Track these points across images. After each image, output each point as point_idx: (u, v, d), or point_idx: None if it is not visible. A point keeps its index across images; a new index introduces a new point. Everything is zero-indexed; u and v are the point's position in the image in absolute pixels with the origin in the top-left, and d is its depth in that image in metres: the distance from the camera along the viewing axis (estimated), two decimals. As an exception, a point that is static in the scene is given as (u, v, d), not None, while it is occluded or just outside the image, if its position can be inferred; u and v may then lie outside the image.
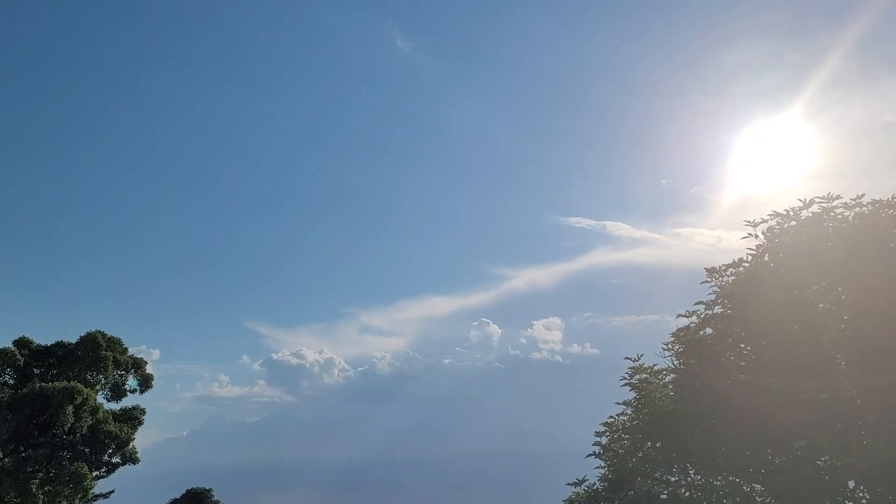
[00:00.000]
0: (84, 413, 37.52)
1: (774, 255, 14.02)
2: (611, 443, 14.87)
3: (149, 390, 43.94)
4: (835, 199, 13.69)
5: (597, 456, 14.82)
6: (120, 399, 42.62)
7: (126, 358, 43.03)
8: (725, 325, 14.14)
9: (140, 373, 43.70)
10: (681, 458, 13.80)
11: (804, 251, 13.59)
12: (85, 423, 37.59)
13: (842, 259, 13.10)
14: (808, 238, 13.70)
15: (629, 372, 14.79)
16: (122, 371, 42.98)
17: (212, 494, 41.77)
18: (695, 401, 13.56)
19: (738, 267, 14.41)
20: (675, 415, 13.70)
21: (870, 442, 11.69)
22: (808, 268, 13.56)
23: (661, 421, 13.84)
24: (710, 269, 14.55)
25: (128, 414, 41.48)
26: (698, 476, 13.64)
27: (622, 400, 14.85)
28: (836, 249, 13.28)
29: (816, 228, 13.73)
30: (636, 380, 14.62)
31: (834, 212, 13.68)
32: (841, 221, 13.60)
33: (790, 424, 12.24)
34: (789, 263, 13.76)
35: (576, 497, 14.86)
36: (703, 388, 13.58)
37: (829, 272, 13.33)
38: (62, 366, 40.55)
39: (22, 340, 41.48)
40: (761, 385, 12.96)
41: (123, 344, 43.18)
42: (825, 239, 13.54)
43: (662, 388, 14.46)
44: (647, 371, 14.85)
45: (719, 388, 13.36)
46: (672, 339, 14.67)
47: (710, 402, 13.36)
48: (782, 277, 13.72)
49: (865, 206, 13.56)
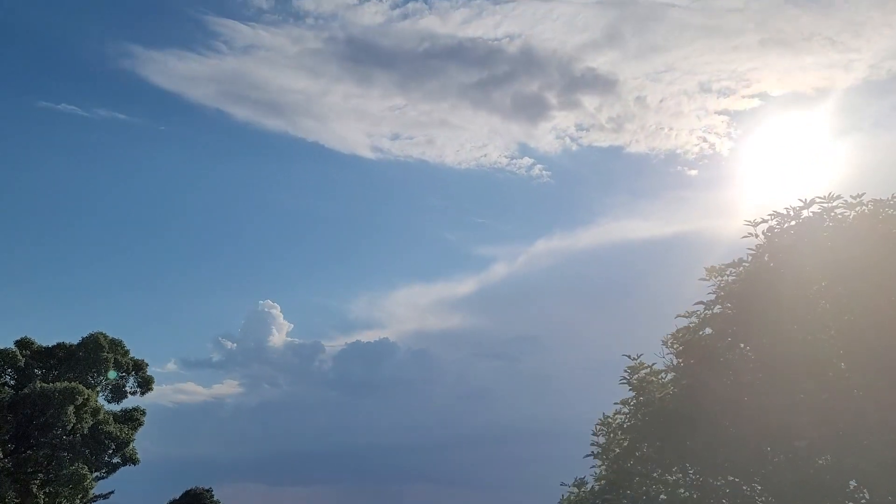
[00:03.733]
0: (85, 414, 37.59)
1: (774, 255, 14.00)
2: (608, 442, 14.84)
3: (149, 392, 44.08)
4: (835, 199, 13.68)
5: (594, 456, 14.79)
6: (120, 400, 42.77)
7: (127, 360, 43.16)
8: (725, 325, 14.11)
9: (140, 374, 43.83)
10: (680, 458, 13.76)
11: (804, 251, 13.57)
12: (86, 423, 37.65)
13: (842, 259, 13.08)
14: (808, 238, 13.68)
15: (627, 371, 14.77)
16: (123, 372, 43.10)
17: (211, 494, 41.73)
18: (694, 401, 13.52)
19: (738, 267, 14.39)
20: (674, 415, 13.66)
21: (870, 442, 11.66)
22: (808, 268, 13.54)
23: (660, 421, 13.80)
24: (710, 268, 14.54)
25: (128, 415, 41.57)
26: (698, 476, 13.59)
27: (620, 399, 14.84)
28: (836, 249, 13.26)
29: (816, 228, 13.72)
30: (635, 379, 14.60)
31: (834, 212, 13.67)
32: (841, 221, 13.58)
33: (790, 424, 12.21)
34: (789, 263, 13.74)
35: (573, 497, 14.83)
36: (703, 388, 13.55)
37: (829, 272, 13.30)
38: (63, 367, 40.64)
39: (23, 341, 41.60)
40: (761, 385, 12.94)
41: (125, 346, 43.36)
42: (825, 239, 13.53)
43: (661, 387, 14.43)
44: (646, 370, 14.82)
45: (719, 388, 13.32)
46: (671, 338, 14.66)
47: (709, 402, 13.32)
48: (782, 277, 13.70)
49: (865, 206, 13.54)
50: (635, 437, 14.22)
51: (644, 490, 13.53)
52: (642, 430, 14.08)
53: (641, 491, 13.46)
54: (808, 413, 11.95)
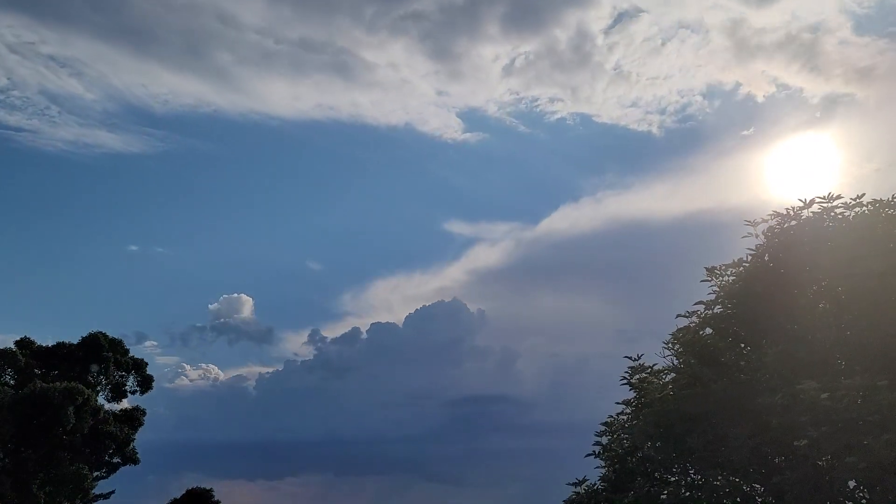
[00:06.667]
0: (85, 414, 37.58)
1: (774, 255, 14.02)
2: (611, 442, 14.86)
3: (149, 391, 44.08)
4: (835, 199, 13.70)
5: (596, 455, 14.81)
6: (120, 400, 42.77)
7: (127, 359, 43.16)
8: (725, 325, 14.14)
9: (140, 374, 43.84)
10: (681, 458, 13.78)
11: (804, 251, 13.59)
12: (86, 423, 37.64)
13: (842, 259, 13.09)
14: (808, 238, 13.70)
15: (628, 371, 14.78)
16: (122, 372, 43.11)
17: (212, 494, 41.76)
18: (695, 401, 13.54)
19: (738, 267, 14.42)
20: (674, 415, 13.68)
21: (870, 442, 11.65)
22: (808, 268, 13.56)
23: (661, 421, 13.82)
24: (710, 268, 14.56)
25: (128, 415, 41.57)
26: (698, 476, 13.62)
27: (622, 399, 14.85)
28: (836, 249, 13.28)
29: (816, 228, 13.74)
30: (636, 379, 14.62)
31: (834, 212, 13.69)
32: (841, 221, 13.60)
33: (790, 424, 12.21)
34: (789, 263, 13.76)
35: (576, 497, 14.85)
36: (703, 388, 13.56)
37: (829, 272, 13.32)
38: (63, 366, 40.65)
39: (23, 341, 41.57)
40: (761, 385, 12.95)
41: (125, 345, 43.37)
42: (825, 239, 13.55)
43: (662, 387, 14.45)
44: (647, 370, 14.84)
45: (719, 388, 13.34)
46: (672, 338, 14.67)
47: (710, 402, 13.34)
48: (782, 277, 13.72)
49: (865, 206, 13.56)
50: (637, 436, 14.24)
51: (646, 490, 13.54)
52: (644, 430, 14.09)
53: (643, 490, 13.48)
54: (808, 413, 11.94)
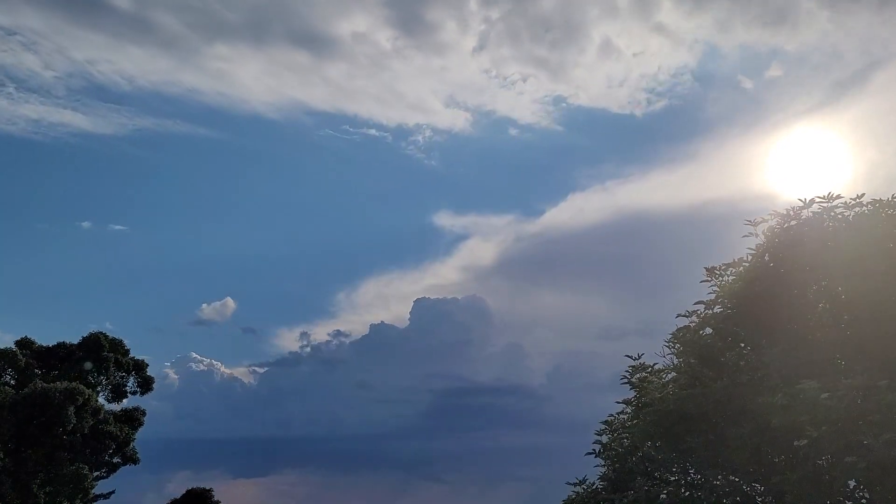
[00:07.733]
0: (85, 414, 37.61)
1: (774, 254, 14.02)
2: (611, 441, 14.86)
3: (149, 392, 44.11)
4: (835, 199, 13.69)
5: (596, 455, 14.81)
6: (121, 400, 42.81)
7: (127, 360, 43.20)
8: (725, 325, 14.13)
9: (141, 375, 43.87)
10: (681, 457, 13.78)
11: (804, 251, 13.58)
12: (86, 423, 37.66)
13: (842, 259, 13.09)
14: (808, 238, 13.69)
15: (629, 370, 14.78)
16: (123, 373, 43.15)
17: (212, 494, 41.78)
18: (695, 401, 13.54)
19: (738, 267, 14.41)
20: (674, 414, 13.69)
21: (870, 442, 11.64)
22: (807, 268, 13.55)
23: (661, 420, 13.82)
24: (710, 268, 14.56)
25: (128, 415, 41.59)
26: (698, 476, 13.61)
27: (622, 398, 14.85)
28: (836, 249, 13.27)
29: (816, 228, 13.73)
30: (636, 378, 14.62)
31: (834, 212, 13.68)
32: (841, 221, 13.59)
33: (790, 424, 12.21)
34: (789, 263, 13.76)
35: (575, 497, 14.85)
36: (704, 388, 13.57)
37: (829, 272, 13.32)
38: (63, 366, 40.68)
39: (24, 341, 41.61)
40: (761, 385, 12.94)
41: (125, 345, 43.41)
42: (825, 239, 13.54)
43: (662, 387, 14.45)
44: (647, 370, 14.84)
45: (719, 388, 13.34)
46: (672, 338, 14.67)
47: (710, 402, 13.34)
48: (782, 277, 13.72)
49: (865, 206, 13.55)
50: (637, 436, 14.24)
51: (646, 489, 13.54)
52: (644, 430, 14.10)
53: (643, 490, 13.48)
54: (809, 413, 11.94)
